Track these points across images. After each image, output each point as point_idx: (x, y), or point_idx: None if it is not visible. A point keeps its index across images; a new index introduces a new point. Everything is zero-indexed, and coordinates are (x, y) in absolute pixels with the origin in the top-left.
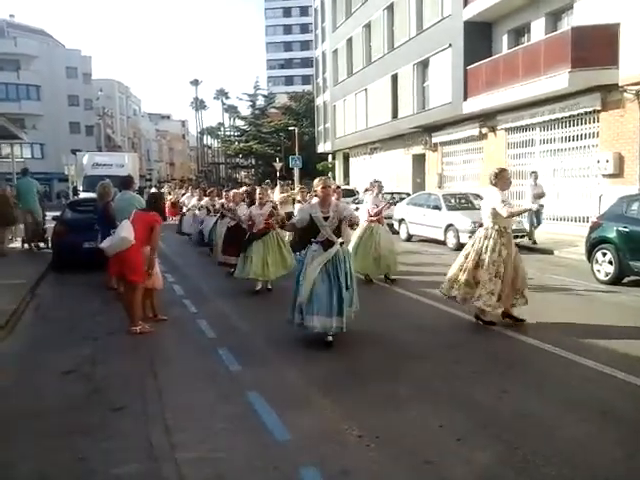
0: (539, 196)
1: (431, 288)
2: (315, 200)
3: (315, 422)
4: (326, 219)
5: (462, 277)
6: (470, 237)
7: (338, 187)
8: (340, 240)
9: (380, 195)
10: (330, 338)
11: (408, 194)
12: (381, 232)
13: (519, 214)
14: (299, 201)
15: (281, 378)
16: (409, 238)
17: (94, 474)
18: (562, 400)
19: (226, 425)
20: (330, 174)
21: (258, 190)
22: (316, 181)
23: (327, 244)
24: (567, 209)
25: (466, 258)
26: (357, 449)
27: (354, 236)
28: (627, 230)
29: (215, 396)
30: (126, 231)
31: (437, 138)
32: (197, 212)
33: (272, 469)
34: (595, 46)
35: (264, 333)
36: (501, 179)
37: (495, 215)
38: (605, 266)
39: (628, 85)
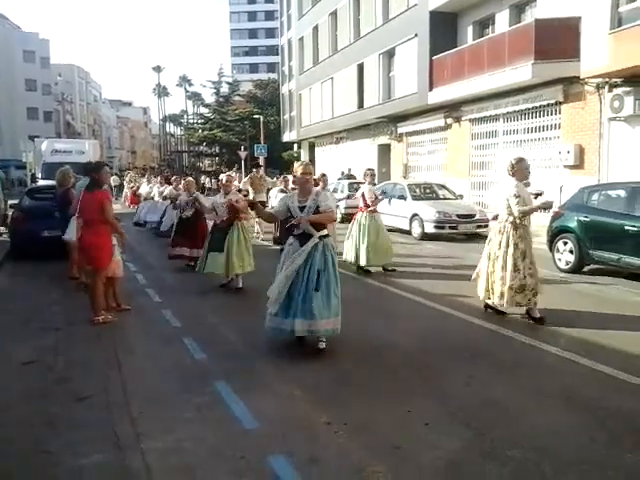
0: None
1: (396, 277)
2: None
3: (283, 410)
4: (302, 209)
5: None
6: (435, 227)
7: (324, 175)
8: (320, 233)
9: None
10: (323, 345)
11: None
12: (379, 223)
13: (531, 212)
14: (282, 190)
15: (248, 367)
16: None
17: (58, 466)
18: (528, 386)
19: (193, 414)
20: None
21: (222, 177)
22: (296, 164)
23: (304, 237)
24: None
25: (489, 259)
26: (326, 436)
27: (353, 229)
28: (587, 220)
29: (181, 385)
30: (69, 233)
31: (403, 128)
32: (161, 201)
33: (240, 458)
34: (557, 39)
35: (230, 322)
36: (519, 170)
37: (510, 207)
38: (566, 255)
39: (589, 78)
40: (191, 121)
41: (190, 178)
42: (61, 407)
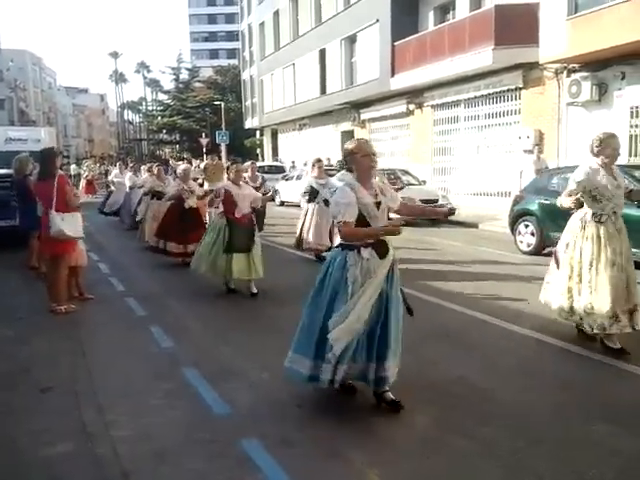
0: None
1: None
2: (349, 176)
3: (254, 395)
4: (378, 205)
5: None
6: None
7: (319, 160)
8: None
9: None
10: (391, 397)
11: (338, 170)
12: None
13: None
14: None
15: (217, 353)
16: None
17: (23, 455)
18: (495, 366)
19: (162, 401)
20: (258, 150)
21: (233, 168)
22: (350, 142)
23: (381, 248)
24: (490, 184)
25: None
26: (297, 419)
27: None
28: (548, 203)
29: (148, 373)
30: (75, 230)
31: (365, 114)
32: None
33: (211, 442)
34: (517, 24)
35: (197, 310)
36: (605, 148)
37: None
38: (527, 237)
39: (548, 63)
40: (150, 108)
41: (188, 165)
42: (25, 397)
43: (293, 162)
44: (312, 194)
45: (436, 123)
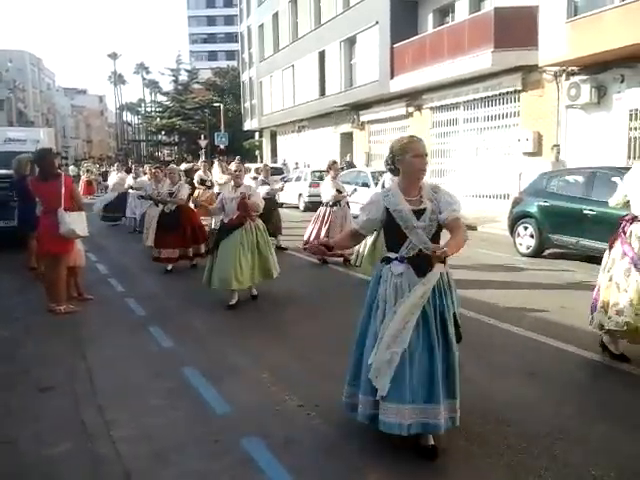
0: None
1: None
2: (388, 179)
3: (254, 394)
4: (420, 214)
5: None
6: None
7: (335, 162)
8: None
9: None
10: (431, 441)
11: (342, 169)
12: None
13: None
14: (264, 182)
15: (217, 353)
16: None
17: (24, 456)
18: (492, 363)
19: (162, 401)
20: (257, 152)
21: (233, 166)
22: (397, 140)
23: (421, 263)
24: (489, 186)
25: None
26: (299, 418)
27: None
28: (547, 204)
29: (149, 373)
30: (83, 229)
31: (365, 116)
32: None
33: (214, 442)
34: (516, 27)
35: (197, 311)
36: None
37: None
38: (527, 239)
39: (547, 66)
40: (149, 109)
41: (173, 166)
42: (24, 398)
43: (297, 164)
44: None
45: (435, 125)
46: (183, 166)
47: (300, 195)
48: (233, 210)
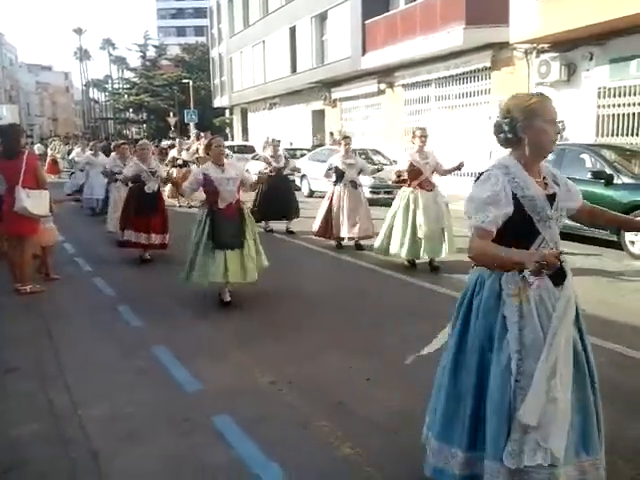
0: None
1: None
2: (503, 158)
3: (226, 372)
4: (552, 201)
5: None
6: (371, 192)
7: (346, 137)
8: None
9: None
10: None
11: (308, 150)
12: (425, 201)
13: None
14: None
15: (187, 332)
16: (311, 194)
17: None
18: None
19: (131, 380)
20: (228, 130)
21: (215, 141)
22: (518, 103)
23: (557, 273)
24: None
25: None
26: (270, 395)
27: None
28: None
29: (117, 352)
30: (47, 207)
31: (336, 94)
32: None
33: (184, 420)
34: (488, 4)
35: (166, 290)
36: None
37: None
38: None
39: (517, 43)
40: (116, 86)
41: (145, 141)
42: None
43: (291, 143)
44: (338, 175)
45: (407, 103)
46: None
47: None
48: (232, 194)
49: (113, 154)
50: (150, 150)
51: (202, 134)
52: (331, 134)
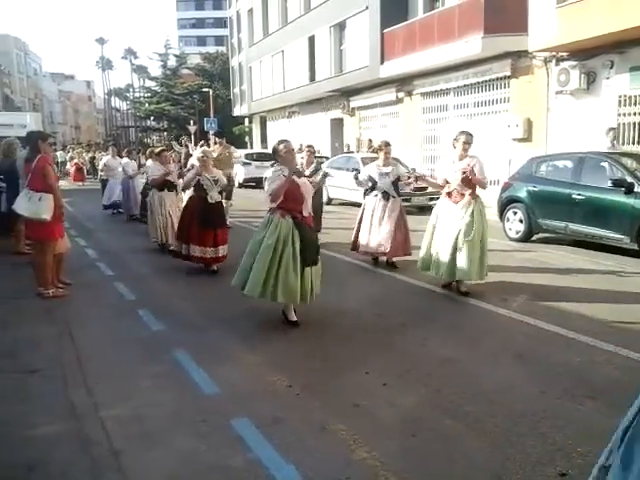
0: None
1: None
2: None
3: (244, 376)
4: None
5: None
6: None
7: (388, 144)
8: None
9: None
10: None
11: (327, 157)
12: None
13: None
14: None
15: (207, 336)
16: (329, 201)
17: (13, 437)
18: (480, 346)
19: (151, 383)
20: (247, 138)
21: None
22: None
23: None
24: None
25: None
26: (287, 398)
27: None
28: (536, 190)
29: (138, 356)
30: (47, 212)
31: (355, 102)
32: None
33: (202, 422)
34: (506, 12)
35: (186, 294)
36: None
37: None
38: (516, 224)
39: (536, 51)
40: (137, 95)
41: (206, 148)
42: (12, 380)
43: (348, 146)
44: (371, 186)
45: (425, 111)
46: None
47: None
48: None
49: (150, 161)
50: (210, 158)
51: (217, 139)
52: (347, 146)
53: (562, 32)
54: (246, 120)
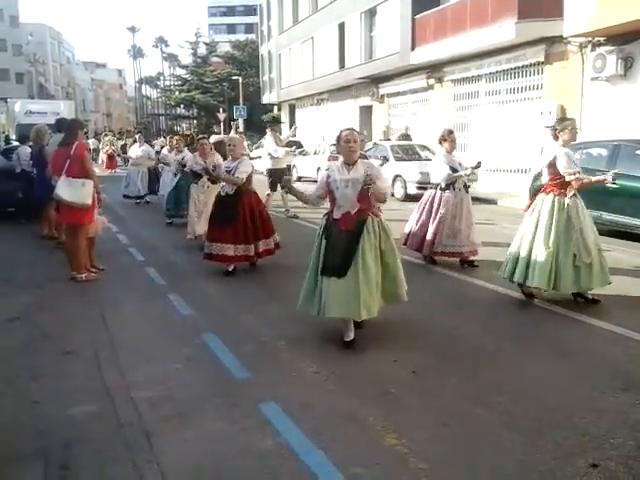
0: None
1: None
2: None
3: (272, 361)
4: None
5: None
6: (418, 188)
7: (451, 132)
8: None
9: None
10: None
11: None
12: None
13: None
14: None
15: (236, 321)
16: None
17: (49, 416)
18: (513, 336)
19: (182, 365)
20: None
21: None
22: None
23: None
24: (510, 160)
25: None
26: (315, 384)
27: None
28: None
29: (169, 339)
30: (89, 198)
31: (384, 89)
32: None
33: (232, 405)
34: None
35: (216, 280)
36: None
37: None
38: None
39: (572, 37)
40: (168, 83)
41: (235, 135)
42: (47, 361)
43: (385, 132)
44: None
45: (456, 98)
46: (213, 138)
47: (319, 169)
48: (351, 200)
49: (165, 148)
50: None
51: (232, 124)
52: (384, 132)
53: (599, 16)
54: (275, 108)
